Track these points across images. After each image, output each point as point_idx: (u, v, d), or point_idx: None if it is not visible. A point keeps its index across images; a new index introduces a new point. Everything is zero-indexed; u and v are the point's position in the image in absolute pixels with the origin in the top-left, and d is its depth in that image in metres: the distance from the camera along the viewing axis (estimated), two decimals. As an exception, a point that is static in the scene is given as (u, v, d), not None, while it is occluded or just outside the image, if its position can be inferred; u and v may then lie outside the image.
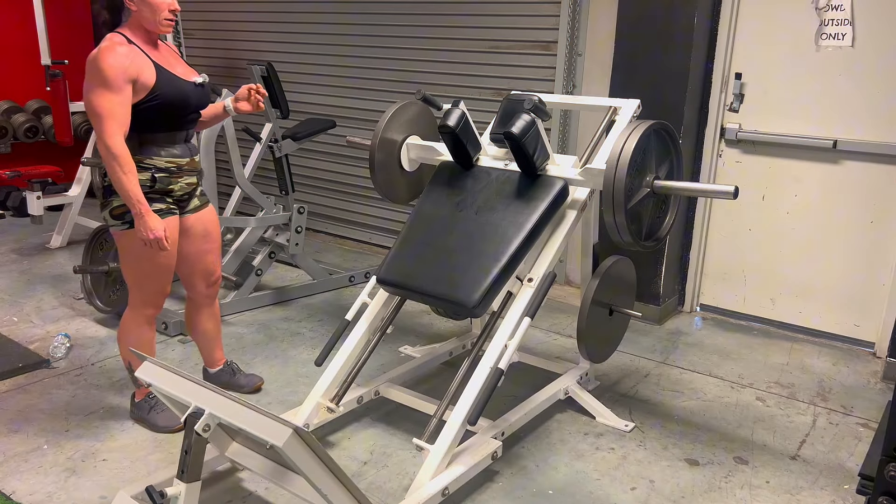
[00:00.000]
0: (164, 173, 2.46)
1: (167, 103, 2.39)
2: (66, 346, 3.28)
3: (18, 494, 2.29)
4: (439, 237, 2.50)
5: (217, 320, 2.90)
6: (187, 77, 2.49)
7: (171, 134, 2.47)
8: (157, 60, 2.40)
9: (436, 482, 2.17)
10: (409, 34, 4.66)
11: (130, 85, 2.30)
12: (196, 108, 2.53)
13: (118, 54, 2.28)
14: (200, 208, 2.65)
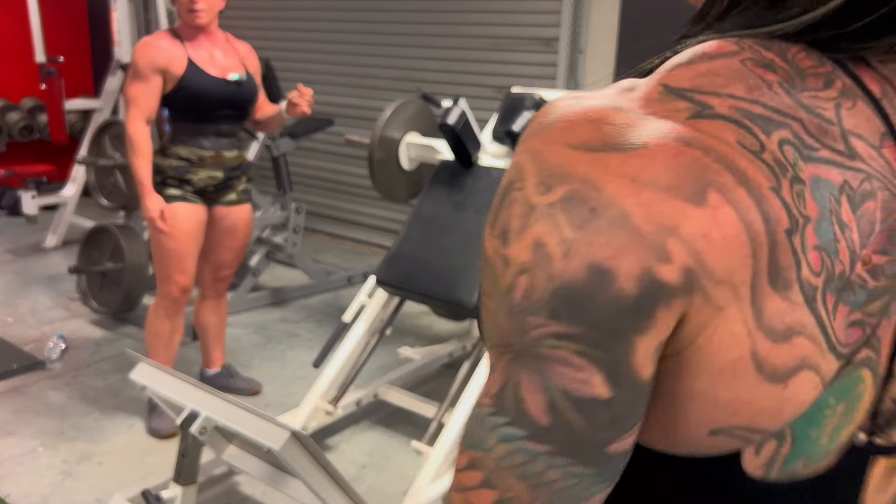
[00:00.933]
0: (184, 162, 2.56)
1: (191, 96, 2.52)
2: (61, 347, 3.25)
3: (13, 497, 2.26)
4: (439, 237, 2.47)
5: (220, 318, 2.92)
6: (221, 74, 2.57)
7: (199, 126, 2.57)
8: (193, 55, 2.53)
9: (435, 485, 2.14)
10: (409, 31, 4.64)
11: (159, 75, 2.47)
12: (226, 106, 2.59)
13: (151, 46, 2.48)
14: (236, 203, 2.72)
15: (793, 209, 0.40)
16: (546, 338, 0.40)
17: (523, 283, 0.40)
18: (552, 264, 0.39)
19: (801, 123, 0.42)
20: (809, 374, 0.42)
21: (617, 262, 0.38)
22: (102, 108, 4.94)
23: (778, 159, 0.40)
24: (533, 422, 0.41)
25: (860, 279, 0.42)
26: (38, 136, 5.85)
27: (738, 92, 0.42)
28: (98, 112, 4.97)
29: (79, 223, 4.93)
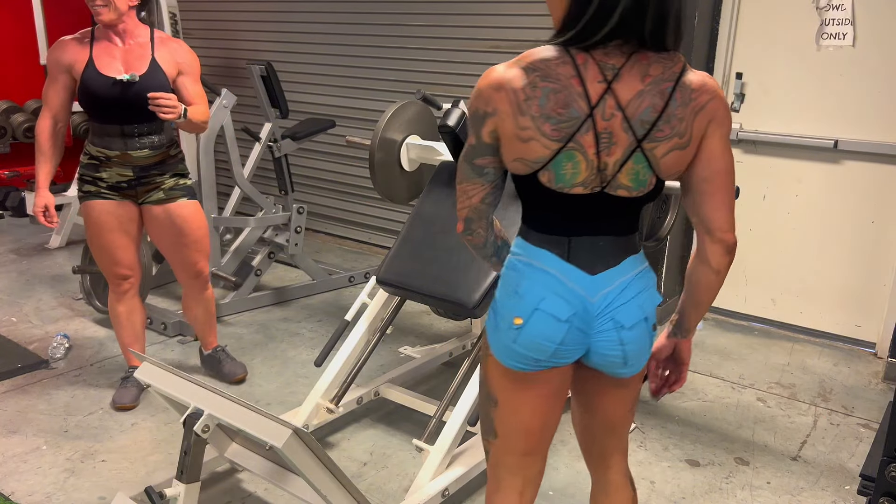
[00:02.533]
0: (94, 161, 2.63)
1: (84, 96, 2.55)
2: (65, 346, 3.27)
3: (17, 495, 2.29)
4: (439, 237, 2.49)
5: (206, 307, 3.02)
6: (115, 74, 2.52)
7: (103, 126, 2.60)
8: (97, 54, 2.55)
9: (436, 483, 2.16)
10: (409, 34, 4.65)
11: (66, 74, 2.55)
12: (119, 104, 2.53)
13: (58, 46, 2.56)
14: (166, 202, 2.70)
15: (528, 90, 1.26)
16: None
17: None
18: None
19: (544, 70, 1.26)
20: (536, 143, 1.27)
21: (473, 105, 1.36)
22: (106, 110, 4.97)
23: (532, 76, 1.27)
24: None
25: (556, 115, 1.25)
26: (42, 137, 5.86)
27: (533, 57, 1.29)
28: (101, 113, 4.99)
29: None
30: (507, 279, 1.39)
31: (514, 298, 1.36)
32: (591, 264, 1.35)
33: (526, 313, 1.34)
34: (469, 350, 2.98)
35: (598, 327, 1.36)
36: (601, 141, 1.26)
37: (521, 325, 1.35)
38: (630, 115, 1.26)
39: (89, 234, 2.68)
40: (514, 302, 1.36)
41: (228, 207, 4.31)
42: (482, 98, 1.30)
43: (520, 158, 1.29)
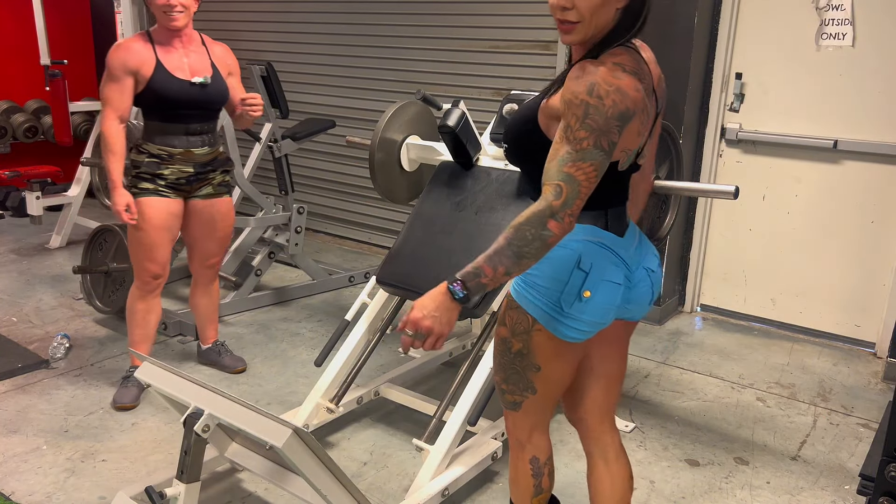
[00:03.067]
0: (155, 159, 2.71)
1: (154, 97, 2.64)
2: (65, 346, 3.27)
3: (18, 495, 2.29)
4: (439, 237, 2.49)
5: (211, 301, 3.12)
6: (187, 76, 2.68)
7: (165, 125, 2.70)
8: (163, 57, 2.66)
9: (436, 483, 2.16)
10: (409, 34, 4.66)
11: (131, 76, 2.61)
12: (191, 105, 2.70)
13: (122, 49, 2.61)
14: (213, 196, 2.86)
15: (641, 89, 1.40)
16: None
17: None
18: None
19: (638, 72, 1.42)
20: (642, 136, 1.49)
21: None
22: (106, 110, 4.97)
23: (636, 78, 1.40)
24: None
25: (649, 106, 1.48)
26: (43, 137, 5.88)
27: (629, 63, 1.40)
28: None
29: (83, 223, 4.96)
30: (560, 259, 1.50)
31: (576, 274, 1.49)
32: (620, 229, 1.57)
33: (593, 285, 1.49)
34: (469, 350, 2.98)
35: (637, 279, 1.59)
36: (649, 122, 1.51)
37: (590, 297, 1.48)
38: (659, 96, 1.55)
39: (135, 230, 2.69)
40: (578, 278, 1.49)
41: (228, 207, 4.31)
42: (630, 98, 1.36)
43: (626, 149, 1.47)
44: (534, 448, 1.74)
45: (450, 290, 1.45)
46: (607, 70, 1.36)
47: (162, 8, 2.59)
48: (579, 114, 1.34)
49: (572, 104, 1.36)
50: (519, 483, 1.78)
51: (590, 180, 1.36)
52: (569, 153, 1.35)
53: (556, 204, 1.34)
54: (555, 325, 1.52)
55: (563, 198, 1.34)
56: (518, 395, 1.66)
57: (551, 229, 1.35)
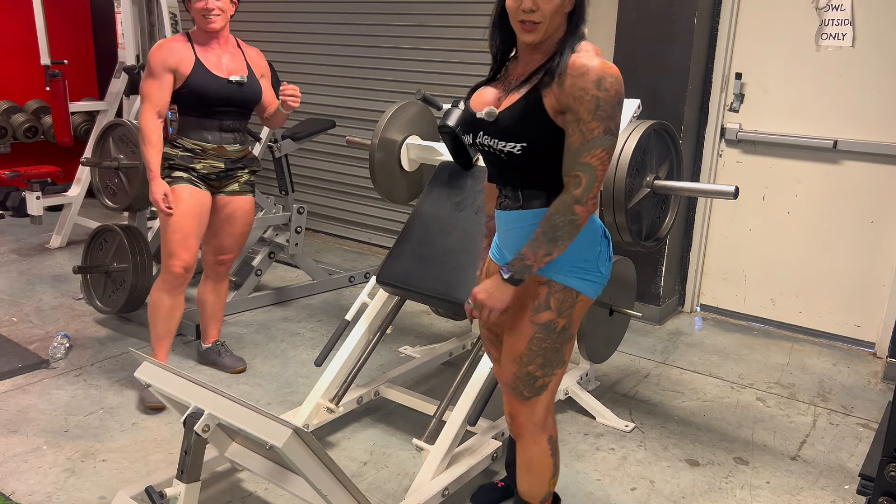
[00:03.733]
0: (188, 153, 2.79)
1: (192, 94, 2.74)
2: (65, 346, 3.28)
3: (18, 495, 2.29)
4: (439, 237, 2.49)
5: (218, 298, 3.13)
6: (225, 75, 2.78)
7: (202, 121, 2.80)
8: (202, 56, 2.78)
9: (436, 482, 2.16)
10: (409, 34, 4.66)
11: (170, 74, 2.72)
12: (227, 104, 2.80)
13: (164, 48, 2.74)
14: (238, 194, 2.93)
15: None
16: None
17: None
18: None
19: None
20: None
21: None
22: (107, 110, 4.98)
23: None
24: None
25: None
26: (43, 137, 5.88)
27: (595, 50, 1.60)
28: (102, 114, 5.00)
29: (83, 223, 4.96)
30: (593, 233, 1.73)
31: (604, 241, 1.75)
32: None
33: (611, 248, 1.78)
34: (469, 350, 2.98)
35: None
36: None
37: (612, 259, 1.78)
38: None
39: (171, 217, 2.72)
40: (605, 245, 1.75)
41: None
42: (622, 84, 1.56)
43: None
44: (550, 427, 1.88)
45: (500, 273, 1.64)
46: (603, 61, 1.54)
47: (201, 12, 2.73)
48: (591, 107, 1.52)
49: (583, 99, 1.53)
50: (539, 468, 1.88)
51: (603, 163, 1.56)
52: (582, 144, 1.55)
53: (577, 193, 1.56)
54: (595, 288, 1.75)
55: (583, 185, 1.56)
56: (550, 375, 1.79)
57: (578, 213, 1.57)
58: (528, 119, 1.61)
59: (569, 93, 1.53)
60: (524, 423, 1.84)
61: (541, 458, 1.87)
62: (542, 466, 1.88)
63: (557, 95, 1.56)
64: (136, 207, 3.62)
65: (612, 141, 1.56)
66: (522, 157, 1.63)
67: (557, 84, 1.56)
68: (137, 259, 3.47)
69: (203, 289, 3.12)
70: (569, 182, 1.57)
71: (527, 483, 1.90)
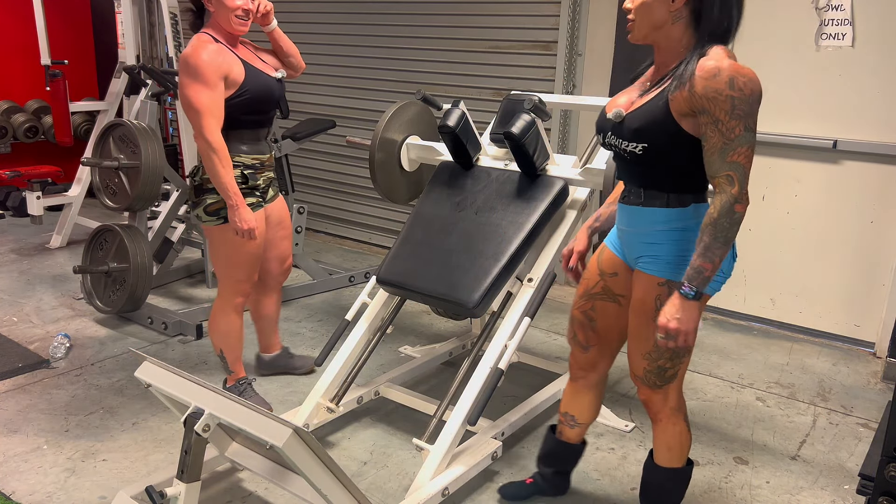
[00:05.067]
0: (251, 170, 2.58)
1: (254, 99, 2.50)
2: (65, 346, 3.28)
3: (18, 494, 2.29)
4: (439, 237, 2.50)
5: (279, 306, 3.04)
6: (269, 72, 2.61)
7: (256, 131, 2.60)
8: (243, 57, 2.52)
9: (436, 482, 2.16)
10: (409, 34, 4.66)
11: (223, 80, 2.41)
12: (277, 104, 2.66)
13: (210, 51, 2.39)
14: (275, 198, 2.82)
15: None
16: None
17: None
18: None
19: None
20: None
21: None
22: (107, 110, 4.98)
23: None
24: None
25: None
26: (43, 137, 5.88)
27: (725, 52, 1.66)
28: (102, 114, 5.01)
29: (83, 223, 4.97)
30: None
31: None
32: None
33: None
34: (469, 350, 2.98)
35: None
36: None
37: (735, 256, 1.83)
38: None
39: (251, 247, 2.59)
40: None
41: (229, 207, 4.32)
42: (759, 84, 1.60)
43: None
44: (683, 407, 1.98)
45: (682, 294, 1.68)
46: (732, 63, 1.59)
47: (234, 12, 2.44)
48: (727, 108, 1.57)
49: (717, 101, 1.57)
50: (681, 444, 1.98)
51: (749, 161, 1.60)
52: (726, 144, 1.59)
53: (734, 192, 1.60)
54: (714, 285, 1.78)
55: (737, 184, 1.60)
56: (678, 365, 1.88)
57: (739, 211, 1.61)
58: (652, 122, 1.68)
59: (702, 95, 1.58)
60: (660, 408, 1.95)
61: (680, 436, 1.97)
62: (683, 443, 1.98)
63: (688, 99, 1.61)
64: (136, 207, 3.63)
65: (753, 138, 1.60)
66: (644, 157, 1.72)
67: (688, 89, 1.61)
68: (137, 259, 3.47)
69: (264, 303, 2.97)
70: (721, 183, 1.61)
71: (667, 458, 2.00)
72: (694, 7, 1.66)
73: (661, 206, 1.76)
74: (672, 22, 1.67)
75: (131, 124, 3.54)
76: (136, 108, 4.33)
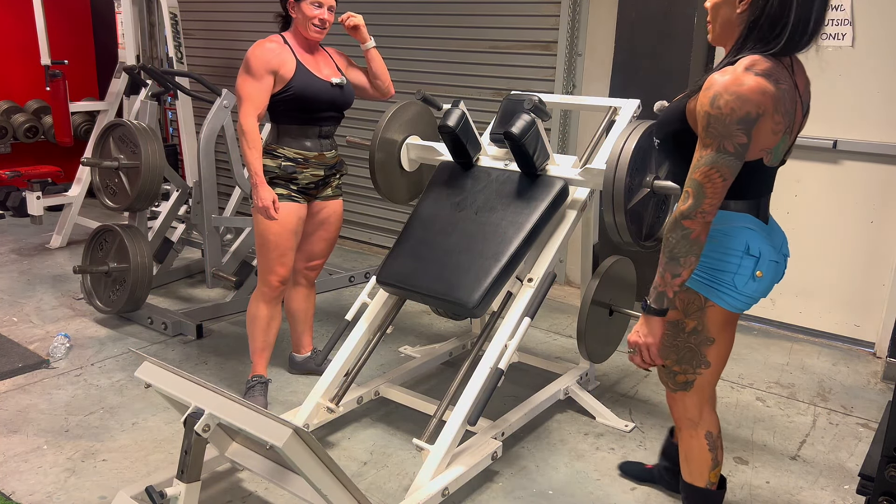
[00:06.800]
0: (290, 163, 2.71)
1: (298, 97, 2.66)
2: (65, 346, 3.28)
3: (18, 495, 2.29)
4: (439, 237, 2.50)
5: (310, 305, 3.09)
6: (326, 78, 2.74)
7: (303, 128, 2.73)
8: (303, 60, 2.70)
9: (436, 482, 2.16)
10: (409, 34, 4.66)
11: (271, 76, 2.62)
12: (330, 107, 2.76)
13: (264, 48, 2.64)
14: (331, 198, 2.90)
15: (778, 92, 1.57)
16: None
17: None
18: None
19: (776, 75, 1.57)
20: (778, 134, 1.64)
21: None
22: (107, 110, 4.98)
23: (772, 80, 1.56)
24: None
25: (789, 108, 1.63)
26: (43, 137, 5.88)
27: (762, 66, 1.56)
28: (102, 114, 5.01)
29: (83, 223, 4.97)
30: (725, 245, 1.72)
31: (747, 259, 1.71)
32: (766, 217, 1.79)
33: (764, 266, 1.73)
34: (469, 350, 2.98)
35: (781, 259, 1.80)
36: (796, 124, 1.69)
37: (762, 277, 1.72)
38: (805, 101, 1.70)
39: (269, 233, 2.68)
40: (749, 261, 1.71)
41: (228, 207, 4.32)
42: (752, 102, 1.53)
43: (765, 148, 1.64)
44: (706, 424, 1.91)
45: (642, 307, 1.72)
46: (732, 80, 1.54)
47: (312, 20, 2.65)
48: (704, 124, 1.57)
49: (699, 115, 1.58)
50: (696, 460, 1.93)
51: (712, 182, 1.57)
52: (698, 160, 1.59)
53: (683, 208, 1.60)
54: (729, 301, 1.75)
55: (689, 201, 1.59)
56: (691, 373, 1.85)
57: (688, 227, 1.60)
58: (667, 120, 1.75)
59: (695, 106, 1.62)
60: (678, 416, 1.94)
61: (698, 451, 1.93)
62: (701, 459, 1.94)
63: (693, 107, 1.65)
64: (137, 207, 3.63)
65: (724, 160, 1.55)
66: (660, 151, 1.81)
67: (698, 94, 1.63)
68: (137, 259, 3.48)
69: (294, 297, 3.04)
70: (681, 197, 1.62)
71: (687, 471, 1.97)
72: (752, 13, 1.63)
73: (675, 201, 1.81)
74: (738, 24, 1.67)
75: (131, 124, 3.54)
76: (136, 108, 4.33)
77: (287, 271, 2.79)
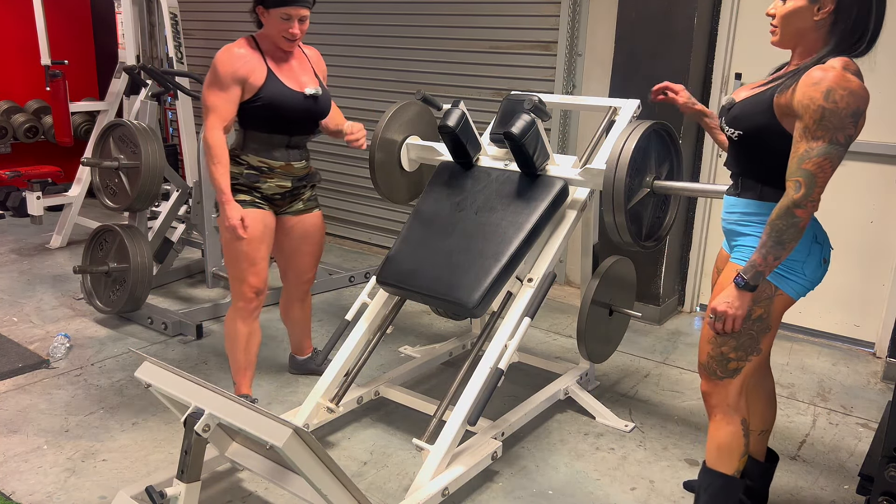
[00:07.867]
0: (254, 171, 2.61)
1: (267, 106, 2.53)
2: (65, 346, 3.28)
3: (18, 495, 2.29)
4: (439, 237, 2.50)
5: (305, 312, 3.06)
6: (299, 87, 2.59)
7: (271, 136, 2.61)
8: (274, 67, 2.55)
9: (436, 482, 2.16)
10: (409, 34, 4.66)
11: (239, 85, 2.48)
12: (303, 118, 2.63)
13: (232, 54, 2.48)
14: (304, 212, 2.80)
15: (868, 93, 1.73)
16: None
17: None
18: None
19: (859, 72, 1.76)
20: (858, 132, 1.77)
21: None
22: (107, 110, 4.98)
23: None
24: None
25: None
26: (43, 137, 5.88)
27: (853, 67, 1.74)
28: (102, 114, 5.01)
29: (83, 224, 4.97)
30: (805, 235, 1.83)
31: (815, 246, 1.89)
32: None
33: (827, 254, 1.95)
34: (469, 350, 2.98)
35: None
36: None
37: (826, 263, 1.92)
38: None
39: (236, 243, 2.57)
40: (817, 249, 1.90)
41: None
42: (861, 98, 1.68)
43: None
44: (742, 410, 1.95)
45: (734, 282, 1.78)
46: (839, 76, 1.65)
47: (282, 31, 2.49)
48: (816, 117, 1.64)
49: (809, 108, 1.64)
50: (730, 448, 1.94)
51: (824, 171, 1.67)
52: (806, 151, 1.66)
53: (797, 197, 1.68)
54: (797, 288, 1.86)
55: (802, 191, 1.68)
56: (743, 360, 1.89)
57: (799, 216, 1.69)
58: (751, 113, 1.79)
59: (799, 100, 1.66)
60: (717, 403, 1.94)
61: (733, 438, 1.94)
62: (734, 447, 1.94)
63: (789, 100, 1.69)
64: (137, 207, 3.63)
65: (836, 151, 1.66)
66: (740, 144, 1.83)
67: (791, 91, 1.69)
68: (137, 259, 3.48)
69: (289, 309, 3.01)
70: (789, 186, 1.68)
71: (716, 457, 1.96)
72: (834, 18, 1.74)
73: (754, 197, 1.85)
74: (815, 30, 1.76)
75: (131, 124, 3.54)
76: (136, 108, 4.33)
77: (260, 282, 2.65)
